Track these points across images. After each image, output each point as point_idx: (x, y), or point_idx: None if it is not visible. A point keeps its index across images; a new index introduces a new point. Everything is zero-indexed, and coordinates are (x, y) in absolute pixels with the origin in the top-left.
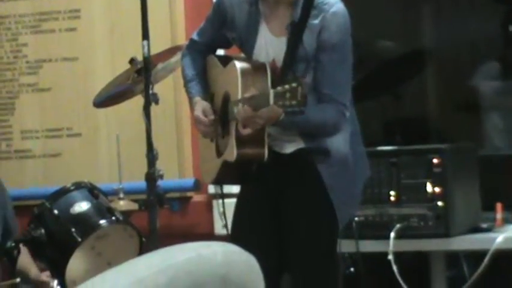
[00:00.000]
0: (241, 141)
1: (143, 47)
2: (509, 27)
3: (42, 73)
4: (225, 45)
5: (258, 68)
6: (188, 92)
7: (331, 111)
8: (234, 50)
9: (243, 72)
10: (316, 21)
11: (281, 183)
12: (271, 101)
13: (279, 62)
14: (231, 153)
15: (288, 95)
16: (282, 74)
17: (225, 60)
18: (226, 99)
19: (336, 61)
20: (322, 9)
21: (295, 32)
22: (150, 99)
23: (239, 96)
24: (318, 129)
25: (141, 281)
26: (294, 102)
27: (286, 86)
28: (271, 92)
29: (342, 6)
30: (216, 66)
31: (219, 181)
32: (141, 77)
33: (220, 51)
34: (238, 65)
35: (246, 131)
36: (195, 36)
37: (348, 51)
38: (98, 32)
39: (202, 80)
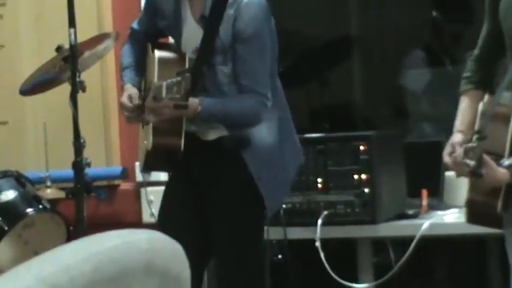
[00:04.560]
0: (158, 131)
1: (70, 34)
2: (433, 13)
3: None
4: (161, 34)
5: (177, 58)
6: (121, 79)
7: (250, 102)
8: None
9: (161, 61)
10: (230, 12)
11: (204, 170)
12: (164, 93)
13: None
14: (148, 142)
15: (175, 88)
16: (196, 66)
17: (156, 48)
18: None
19: (253, 52)
20: (237, 0)
21: (210, 24)
22: (77, 87)
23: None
24: (237, 120)
25: (66, 269)
26: (177, 96)
27: (174, 80)
28: (164, 84)
29: None
30: (148, 55)
31: (148, 167)
32: (68, 64)
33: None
34: (158, 54)
35: (150, 118)
36: (134, 25)
37: (265, 41)
38: (23, 19)
39: (138, 68)
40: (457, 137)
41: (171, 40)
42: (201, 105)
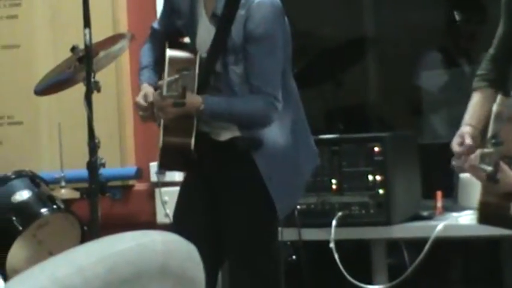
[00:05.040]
0: (168, 130)
1: (85, 35)
2: (455, 15)
3: None
4: (179, 33)
5: (188, 57)
6: (139, 79)
7: (259, 103)
8: None
9: (171, 60)
10: (242, 12)
11: (217, 170)
12: (165, 90)
13: None
14: (159, 140)
15: (174, 86)
16: (207, 65)
17: (170, 47)
18: None
19: (264, 52)
20: (249, 0)
21: (221, 24)
22: (92, 88)
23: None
24: (245, 120)
25: (80, 270)
26: (175, 94)
27: (173, 77)
28: (165, 82)
29: None
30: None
31: (163, 166)
32: (82, 65)
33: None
34: (169, 53)
35: (159, 116)
36: (155, 25)
37: (277, 41)
38: (39, 19)
39: (157, 67)
40: (465, 128)
41: (187, 39)
42: (204, 103)
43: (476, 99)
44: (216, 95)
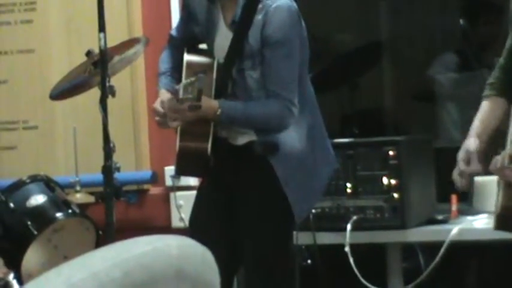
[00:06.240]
0: (185, 135)
1: (100, 39)
2: (460, 21)
3: None
4: (197, 40)
5: (206, 62)
6: (157, 85)
7: (275, 107)
8: None
9: (188, 65)
10: (259, 17)
11: (234, 174)
12: (181, 94)
13: None
14: (176, 145)
15: (189, 89)
16: (224, 71)
17: (188, 52)
18: None
19: (281, 57)
20: (266, 5)
21: (239, 29)
22: (107, 92)
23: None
24: (261, 124)
25: (95, 275)
26: (190, 96)
27: (188, 80)
28: (181, 85)
29: (286, 2)
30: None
31: (180, 171)
32: (97, 69)
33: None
34: (187, 57)
35: (174, 124)
36: (173, 32)
37: (294, 46)
38: (54, 24)
39: (176, 74)
40: (472, 144)
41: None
42: (221, 108)
43: (485, 108)
44: (232, 100)
